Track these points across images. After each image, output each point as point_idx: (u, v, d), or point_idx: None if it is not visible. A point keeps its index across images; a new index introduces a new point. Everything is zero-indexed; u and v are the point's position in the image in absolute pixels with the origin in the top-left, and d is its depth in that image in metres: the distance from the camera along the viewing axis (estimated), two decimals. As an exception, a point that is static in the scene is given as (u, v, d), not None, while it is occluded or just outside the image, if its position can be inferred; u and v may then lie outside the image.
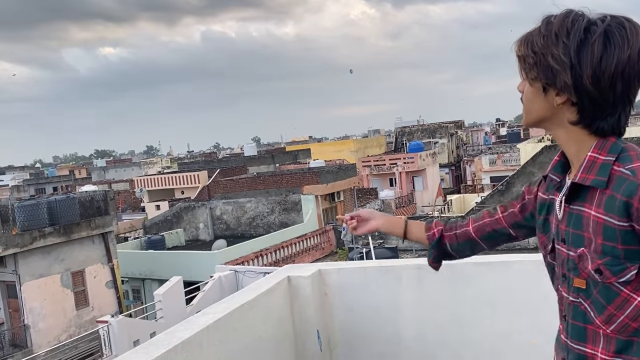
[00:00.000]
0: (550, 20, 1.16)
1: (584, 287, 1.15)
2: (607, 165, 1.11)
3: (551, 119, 1.21)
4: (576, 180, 1.15)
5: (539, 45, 1.15)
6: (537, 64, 1.16)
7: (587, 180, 1.13)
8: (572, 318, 1.20)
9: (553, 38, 1.14)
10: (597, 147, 1.14)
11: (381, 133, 79.50)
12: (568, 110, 1.16)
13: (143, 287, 22.92)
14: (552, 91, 1.16)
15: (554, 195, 1.28)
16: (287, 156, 48.00)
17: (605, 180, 1.10)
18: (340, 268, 3.40)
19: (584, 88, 1.11)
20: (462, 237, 1.57)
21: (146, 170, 64.98)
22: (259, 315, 2.94)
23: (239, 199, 27.77)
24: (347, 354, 3.25)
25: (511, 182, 22.31)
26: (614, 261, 1.08)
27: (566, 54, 1.11)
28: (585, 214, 1.14)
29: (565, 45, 1.12)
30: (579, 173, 1.15)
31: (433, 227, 1.63)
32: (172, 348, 2.29)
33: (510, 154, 40.04)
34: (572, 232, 1.17)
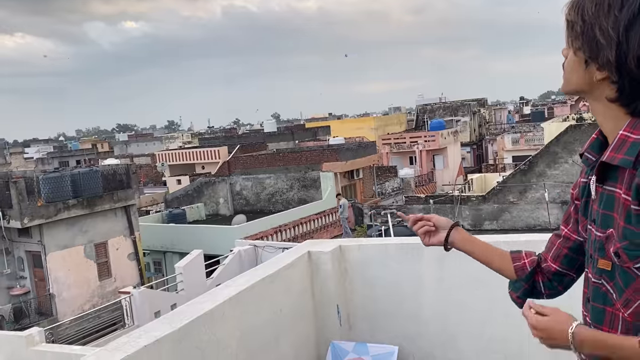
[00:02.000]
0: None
1: (609, 268, 1.11)
2: (638, 144, 1.06)
3: (589, 92, 1.16)
4: (604, 159, 1.12)
5: (589, 14, 1.09)
6: (583, 33, 1.10)
7: (615, 160, 1.09)
8: (593, 299, 1.17)
9: (605, 8, 1.07)
10: (630, 126, 1.09)
11: (402, 111, 78.73)
12: (607, 87, 1.11)
13: (164, 259, 23.31)
14: (594, 65, 1.10)
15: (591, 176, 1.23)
16: (307, 133, 47.89)
17: (633, 160, 1.06)
18: (360, 244, 3.40)
19: (627, 68, 1.05)
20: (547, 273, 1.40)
21: (167, 145, 65.52)
22: (280, 289, 2.96)
23: (259, 175, 27.87)
24: (366, 330, 3.27)
25: (534, 161, 21.97)
26: (631, 245, 1.05)
27: (615, 28, 1.05)
28: (616, 194, 1.10)
29: (616, 18, 1.05)
30: (608, 151, 1.11)
31: (523, 258, 1.43)
32: (195, 319, 2.32)
33: (533, 133, 39.39)
34: (602, 213, 1.14)
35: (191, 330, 2.27)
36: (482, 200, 22.97)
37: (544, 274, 1.39)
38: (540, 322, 1.17)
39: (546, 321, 1.17)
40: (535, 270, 1.40)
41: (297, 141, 42.79)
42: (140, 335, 2.13)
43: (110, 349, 2.03)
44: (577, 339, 1.11)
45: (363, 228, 24.29)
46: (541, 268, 1.40)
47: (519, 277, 1.42)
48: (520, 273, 1.41)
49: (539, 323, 1.18)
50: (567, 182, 20.94)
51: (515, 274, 1.43)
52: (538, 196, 21.24)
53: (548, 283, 1.39)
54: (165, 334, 2.15)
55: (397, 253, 3.29)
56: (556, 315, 1.16)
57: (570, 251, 1.34)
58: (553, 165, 21.30)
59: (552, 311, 1.18)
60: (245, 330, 2.60)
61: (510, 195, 22.04)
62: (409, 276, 3.21)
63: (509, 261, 1.44)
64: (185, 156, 39.22)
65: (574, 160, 20.80)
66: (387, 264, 3.26)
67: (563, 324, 1.14)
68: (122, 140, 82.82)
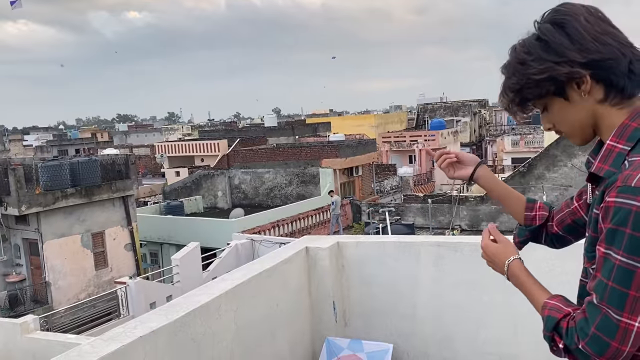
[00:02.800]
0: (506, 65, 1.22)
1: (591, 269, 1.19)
2: (622, 154, 1.11)
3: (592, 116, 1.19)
4: (592, 169, 1.17)
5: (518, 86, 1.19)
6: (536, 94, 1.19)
7: (602, 171, 1.14)
8: (579, 296, 1.23)
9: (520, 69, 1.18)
10: (616, 135, 1.13)
11: (403, 109, 78.66)
12: (596, 92, 1.15)
13: (161, 251, 23.30)
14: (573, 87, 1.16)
15: None
16: (307, 128, 47.81)
17: (616, 172, 1.09)
18: (358, 242, 3.39)
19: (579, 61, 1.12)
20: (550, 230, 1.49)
21: (167, 137, 65.43)
22: (277, 284, 2.96)
23: (258, 169, 27.86)
24: (361, 327, 3.27)
25: (533, 164, 21.98)
26: (589, 247, 1.14)
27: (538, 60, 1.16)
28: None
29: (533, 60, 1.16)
30: (596, 162, 1.16)
31: (536, 209, 1.49)
32: (191, 311, 2.32)
33: (533, 136, 39.36)
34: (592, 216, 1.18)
35: (187, 323, 2.27)
36: (480, 200, 22.98)
37: (547, 229, 1.47)
38: (489, 246, 1.36)
39: (495, 247, 1.35)
40: (542, 225, 1.47)
41: (297, 136, 42.72)
42: (135, 325, 2.13)
43: (106, 339, 2.03)
44: (509, 271, 1.31)
45: (360, 225, 24.30)
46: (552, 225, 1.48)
47: (526, 225, 1.49)
48: (528, 222, 1.48)
49: (487, 247, 1.36)
50: (566, 185, 20.96)
51: (524, 220, 1.49)
52: (536, 199, 21.25)
53: (548, 237, 1.48)
54: (161, 325, 2.15)
55: (395, 251, 3.29)
56: (505, 246, 1.33)
57: (573, 223, 1.42)
58: (552, 168, 21.31)
59: (504, 241, 1.35)
60: (241, 324, 2.60)
61: (509, 196, 22.04)
62: (405, 275, 3.22)
63: (523, 207, 1.49)
64: (184, 148, 39.17)
65: (573, 164, 20.81)
66: (384, 262, 3.26)
67: (506, 254, 1.32)
68: (121, 131, 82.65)
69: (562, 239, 1.47)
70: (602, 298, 1.04)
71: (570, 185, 20.80)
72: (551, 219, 1.47)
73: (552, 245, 1.50)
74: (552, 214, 1.48)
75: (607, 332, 1.03)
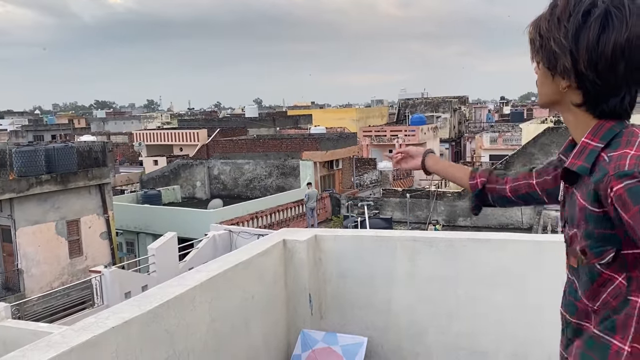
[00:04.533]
0: (556, 4, 1.17)
1: (576, 265, 1.21)
2: (595, 151, 1.13)
3: (560, 103, 1.22)
4: (566, 165, 1.19)
5: (544, 29, 1.18)
6: (542, 47, 1.19)
7: (574, 166, 1.16)
8: (568, 293, 1.25)
9: (555, 22, 1.15)
10: (591, 133, 1.16)
11: (384, 104, 78.93)
12: (573, 94, 1.17)
13: (137, 240, 23.06)
14: (558, 75, 1.17)
15: None
16: (288, 120, 47.68)
17: (589, 167, 1.13)
18: (336, 235, 3.40)
19: (582, 72, 1.12)
20: (500, 193, 1.63)
21: (145, 125, 64.61)
22: (253, 276, 2.95)
23: (238, 160, 27.70)
24: (337, 320, 3.29)
25: (510, 161, 22.27)
26: (594, 244, 1.13)
27: (566, 37, 1.13)
28: (576, 197, 1.18)
29: (566, 29, 1.13)
30: (570, 158, 1.18)
31: (477, 177, 1.68)
32: (165, 302, 2.30)
33: (512, 134, 39.89)
34: (569, 214, 1.22)
35: (160, 314, 2.25)
36: (457, 196, 23.23)
37: (497, 192, 1.63)
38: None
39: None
40: (483, 189, 1.65)
41: (278, 128, 42.58)
42: (108, 316, 2.10)
43: (77, 329, 2.00)
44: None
45: (339, 219, 24.37)
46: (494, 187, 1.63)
47: (472, 192, 1.68)
48: (473, 189, 1.67)
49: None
50: (542, 184, 21.30)
51: (470, 188, 1.69)
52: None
53: (498, 199, 1.64)
54: (134, 316, 2.12)
55: (372, 245, 3.30)
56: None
57: (527, 195, 1.56)
58: (529, 165, 21.63)
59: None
60: (215, 316, 2.59)
61: (486, 193, 22.33)
62: (381, 269, 3.24)
63: (467, 178, 1.70)
64: (163, 137, 38.74)
65: (549, 162, 21.14)
66: (362, 256, 3.28)
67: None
68: (99, 117, 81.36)
69: (511, 202, 1.63)
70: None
71: (546, 183, 21.13)
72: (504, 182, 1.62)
73: (501, 205, 1.68)
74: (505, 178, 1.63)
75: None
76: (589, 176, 1.13)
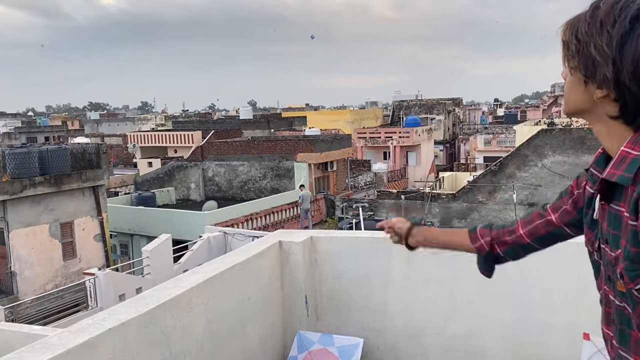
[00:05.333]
0: (598, 5, 1.07)
1: (624, 290, 1.07)
2: (637, 160, 1.03)
3: (591, 112, 1.13)
4: (604, 175, 1.09)
5: (582, 33, 1.07)
6: (579, 52, 1.09)
7: (613, 176, 1.06)
8: (620, 323, 1.12)
9: (598, 26, 1.05)
10: (631, 142, 1.07)
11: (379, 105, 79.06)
12: (609, 105, 1.08)
13: (131, 242, 22.97)
14: (593, 84, 1.08)
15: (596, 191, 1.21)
16: (283, 122, 47.63)
17: (631, 177, 1.03)
18: (332, 236, 3.41)
19: (624, 84, 1.03)
20: (516, 242, 1.45)
21: (140, 126, 64.40)
22: (249, 278, 2.95)
23: (232, 162, 27.65)
24: (333, 321, 3.29)
25: (504, 163, 22.35)
26: (631, 266, 1.02)
27: (609, 44, 1.03)
28: (621, 213, 1.07)
29: (609, 35, 1.03)
30: (608, 168, 1.09)
31: (479, 238, 1.51)
32: (161, 304, 2.30)
33: (505, 135, 40.04)
34: (612, 233, 1.10)
35: (157, 315, 2.25)
36: (452, 198, 23.28)
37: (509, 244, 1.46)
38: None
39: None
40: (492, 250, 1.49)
41: (272, 130, 42.55)
42: (104, 317, 2.10)
43: (74, 331, 2.00)
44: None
45: (334, 220, 24.38)
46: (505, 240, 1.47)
47: (480, 254, 1.52)
48: (481, 252, 1.51)
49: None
50: (536, 185, 21.39)
51: (477, 252, 1.53)
52: (506, 197, 21.66)
53: (511, 251, 1.47)
54: (130, 317, 2.12)
55: (368, 247, 3.31)
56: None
57: (548, 234, 1.40)
58: (523, 167, 21.71)
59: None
60: (212, 318, 2.59)
61: (480, 194, 22.40)
62: (377, 270, 3.24)
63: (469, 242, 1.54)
64: (157, 139, 38.61)
65: (543, 164, 21.24)
66: (357, 257, 3.28)
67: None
68: (93, 119, 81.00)
69: (529, 248, 1.46)
70: None
71: (540, 185, 21.24)
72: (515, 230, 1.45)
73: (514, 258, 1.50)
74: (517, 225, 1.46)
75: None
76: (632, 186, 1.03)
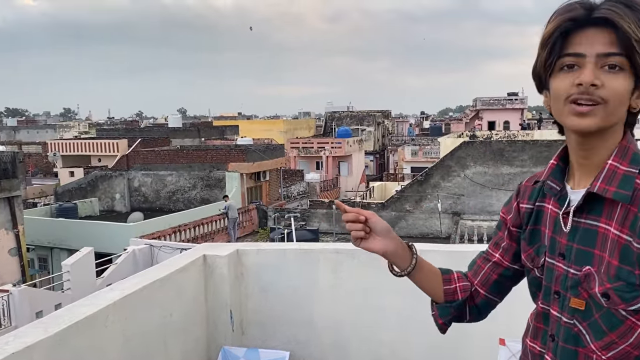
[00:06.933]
0: None
1: (582, 308, 1.03)
2: (630, 177, 0.99)
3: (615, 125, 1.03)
4: (595, 190, 1.01)
5: None
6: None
7: (607, 192, 1.00)
8: (564, 340, 1.07)
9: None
10: (618, 156, 1.02)
11: (312, 116, 79.72)
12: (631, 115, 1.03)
13: (51, 256, 21.78)
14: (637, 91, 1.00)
15: (543, 203, 1.15)
16: (214, 131, 46.95)
17: (630, 195, 0.98)
18: (259, 249, 3.37)
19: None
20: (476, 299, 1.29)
21: (61, 134, 61.37)
22: (171, 293, 2.85)
23: (160, 172, 26.86)
24: (259, 335, 3.24)
25: (430, 173, 23.13)
26: (627, 287, 0.97)
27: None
28: (600, 229, 1.01)
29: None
30: (597, 182, 1.01)
31: (455, 281, 1.29)
32: (74, 324, 2.17)
33: (431, 147, 41.46)
34: (577, 248, 1.04)
35: (68, 336, 2.12)
36: (381, 207, 23.77)
37: (473, 299, 1.29)
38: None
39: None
40: (466, 299, 1.28)
41: (203, 139, 41.81)
42: (7, 341, 1.95)
43: (-28, 357, 1.84)
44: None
45: (266, 231, 24.21)
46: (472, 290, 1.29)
47: (447, 301, 1.28)
48: (450, 298, 1.28)
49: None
50: (459, 194, 22.26)
51: (444, 296, 1.28)
52: (432, 206, 22.38)
53: (474, 308, 1.29)
54: (37, 340, 1.98)
55: (295, 258, 3.30)
56: None
57: (500, 277, 1.26)
58: (447, 177, 22.56)
59: None
60: (130, 336, 2.47)
61: (407, 204, 23.03)
62: (304, 282, 3.23)
63: (440, 282, 1.29)
64: (80, 147, 36.94)
65: (465, 174, 22.17)
66: (284, 270, 3.26)
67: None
68: (10, 126, 76.34)
69: (489, 303, 1.29)
70: None
71: (463, 194, 22.12)
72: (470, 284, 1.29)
73: (478, 317, 1.31)
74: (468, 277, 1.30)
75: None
76: (631, 205, 0.98)
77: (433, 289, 1.30)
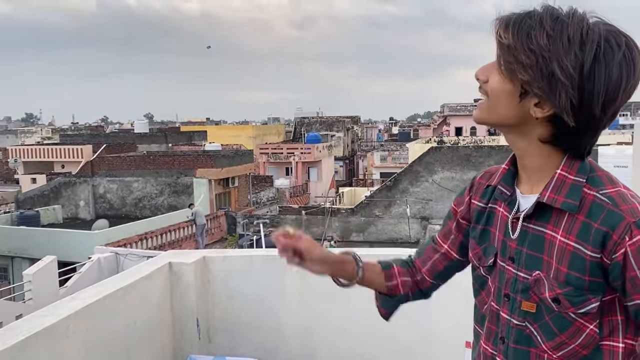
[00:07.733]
0: (559, 18, 0.95)
1: (534, 310, 1.06)
2: (578, 187, 1.01)
3: (517, 127, 1.04)
4: (544, 200, 1.03)
5: (541, 46, 0.94)
6: (534, 67, 0.95)
7: (556, 202, 1.02)
8: (515, 342, 1.10)
9: (564, 43, 0.93)
10: (567, 166, 1.03)
11: (281, 122, 79.59)
12: (542, 125, 1.01)
13: (12, 265, 21.16)
14: (533, 99, 0.98)
15: (495, 205, 1.17)
16: (182, 136, 46.36)
17: (577, 204, 1.00)
18: (226, 256, 3.34)
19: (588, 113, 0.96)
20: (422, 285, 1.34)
21: (23, 140, 59.74)
22: (135, 302, 2.80)
23: (126, 178, 26.37)
24: (226, 343, 3.20)
25: (398, 179, 23.38)
26: (575, 292, 1.01)
27: (576, 68, 0.93)
28: (547, 236, 1.04)
29: (577, 57, 0.93)
30: (547, 192, 1.03)
31: (396, 276, 1.33)
32: (33, 335, 2.11)
33: (400, 152, 41.90)
34: (527, 253, 1.07)
35: (27, 348, 2.05)
36: (351, 212, 23.90)
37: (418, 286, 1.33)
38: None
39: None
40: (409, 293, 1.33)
41: (170, 144, 41.24)
42: (-39, 355, 1.88)
43: None
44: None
45: (235, 237, 24.01)
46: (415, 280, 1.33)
47: (390, 295, 1.33)
48: (392, 292, 1.33)
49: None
50: (427, 199, 22.56)
51: (387, 291, 1.33)
52: (401, 211, 22.61)
53: (419, 293, 1.34)
54: (-7, 352, 1.92)
55: (262, 265, 3.28)
56: None
57: (447, 267, 1.31)
58: (415, 183, 22.84)
59: None
60: (92, 346, 2.41)
61: (377, 209, 23.21)
62: (272, 288, 3.22)
63: (382, 279, 1.33)
64: (43, 153, 35.98)
65: (433, 180, 22.48)
66: (252, 276, 3.24)
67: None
68: (-33, 131, 73.91)
69: (434, 288, 1.35)
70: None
71: (431, 199, 22.42)
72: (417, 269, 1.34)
73: (422, 298, 1.37)
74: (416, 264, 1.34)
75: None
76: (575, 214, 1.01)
77: (378, 287, 1.35)
